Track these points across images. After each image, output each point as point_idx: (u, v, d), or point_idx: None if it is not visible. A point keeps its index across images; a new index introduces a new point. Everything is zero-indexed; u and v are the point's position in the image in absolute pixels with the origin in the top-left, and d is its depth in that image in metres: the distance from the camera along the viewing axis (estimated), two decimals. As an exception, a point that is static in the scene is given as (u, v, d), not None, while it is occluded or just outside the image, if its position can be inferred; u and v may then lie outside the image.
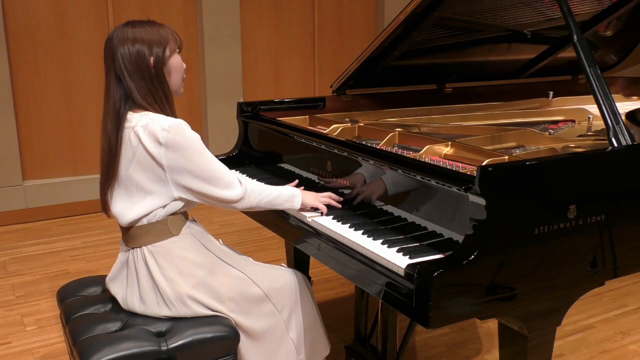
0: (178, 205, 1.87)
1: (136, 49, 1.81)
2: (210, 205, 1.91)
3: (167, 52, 1.86)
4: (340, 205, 2.04)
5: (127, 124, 1.83)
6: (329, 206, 2.03)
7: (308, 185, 2.23)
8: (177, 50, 1.90)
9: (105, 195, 1.89)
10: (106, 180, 1.88)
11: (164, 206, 1.85)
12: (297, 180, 2.21)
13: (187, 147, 1.78)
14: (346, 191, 2.07)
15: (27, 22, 4.51)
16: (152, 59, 1.83)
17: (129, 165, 1.83)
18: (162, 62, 1.85)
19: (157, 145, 1.77)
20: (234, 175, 1.88)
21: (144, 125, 1.79)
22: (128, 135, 1.82)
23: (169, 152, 1.77)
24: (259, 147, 2.65)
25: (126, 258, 1.93)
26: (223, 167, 1.86)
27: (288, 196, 1.98)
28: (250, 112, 2.65)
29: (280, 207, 2.00)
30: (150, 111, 1.83)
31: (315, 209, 2.02)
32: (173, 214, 1.88)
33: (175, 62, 1.89)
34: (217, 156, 2.64)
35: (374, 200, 1.94)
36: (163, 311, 1.86)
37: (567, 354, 2.79)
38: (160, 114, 1.83)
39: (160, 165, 1.79)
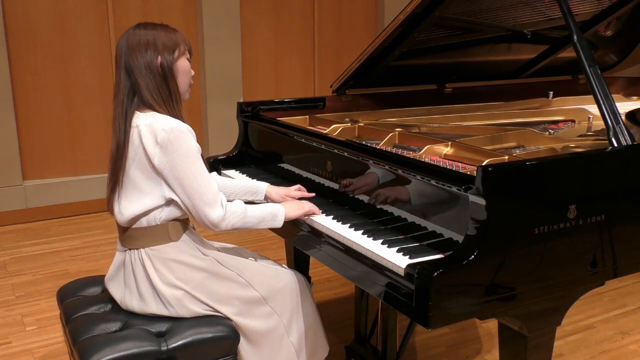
0: (177, 212, 1.87)
1: (145, 47, 1.83)
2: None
3: (176, 54, 1.86)
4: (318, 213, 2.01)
5: (133, 123, 1.83)
6: (329, 206, 2.02)
7: (308, 185, 2.23)
8: (187, 55, 1.91)
9: (112, 194, 1.88)
10: (113, 181, 1.86)
11: (160, 207, 1.84)
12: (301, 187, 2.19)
13: (180, 152, 1.77)
14: (346, 191, 2.07)
15: (27, 22, 4.51)
16: (159, 58, 1.83)
17: (131, 164, 1.82)
18: (171, 63, 1.85)
19: (154, 145, 1.77)
20: (219, 196, 1.84)
21: (148, 124, 1.79)
22: (133, 134, 1.82)
23: (162, 154, 1.76)
24: (259, 147, 2.65)
25: (123, 259, 1.93)
26: (210, 184, 1.82)
27: (271, 216, 1.93)
28: (250, 112, 2.65)
29: (264, 227, 1.95)
30: (158, 111, 1.83)
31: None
32: (174, 220, 1.87)
33: (183, 66, 1.89)
34: (217, 156, 2.66)
35: (374, 200, 1.94)
36: (162, 311, 1.86)
37: (567, 354, 2.79)
38: (167, 114, 1.83)
39: (153, 165, 1.79)
